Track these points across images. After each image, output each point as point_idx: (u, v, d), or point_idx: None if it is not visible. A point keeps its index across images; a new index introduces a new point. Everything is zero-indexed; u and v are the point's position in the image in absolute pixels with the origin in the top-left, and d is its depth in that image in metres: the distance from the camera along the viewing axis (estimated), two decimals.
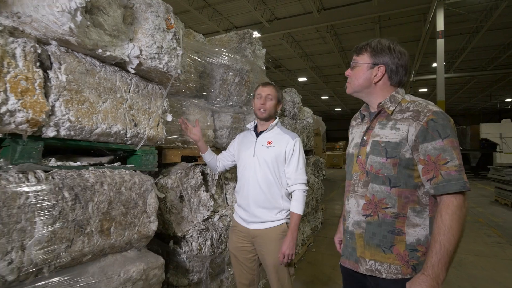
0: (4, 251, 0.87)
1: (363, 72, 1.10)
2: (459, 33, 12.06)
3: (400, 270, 1.01)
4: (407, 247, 1.02)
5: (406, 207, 1.03)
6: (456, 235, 0.91)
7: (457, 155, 0.96)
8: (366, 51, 1.10)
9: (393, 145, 1.03)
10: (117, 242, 1.21)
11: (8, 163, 0.97)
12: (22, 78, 0.96)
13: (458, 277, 2.98)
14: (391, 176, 1.03)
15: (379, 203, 1.05)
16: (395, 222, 1.03)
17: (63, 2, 0.99)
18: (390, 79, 1.09)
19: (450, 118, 1.00)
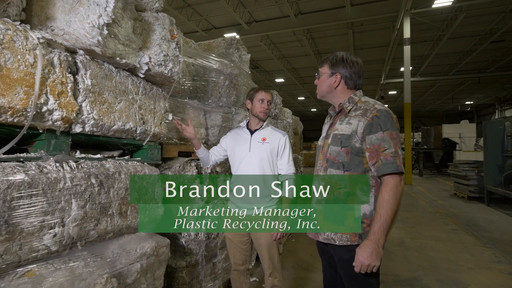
0: (49, 225, 1.05)
1: (325, 80, 1.36)
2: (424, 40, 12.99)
3: (350, 238, 1.24)
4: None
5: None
6: (393, 208, 1.13)
7: (394, 144, 1.17)
8: (326, 63, 1.36)
9: (346, 137, 1.25)
10: (132, 223, 1.40)
11: (46, 154, 1.14)
12: (58, 82, 1.14)
13: (419, 258, 3.40)
14: (345, 162, 1.25)
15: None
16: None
17: (93, 18, 1.18)
18: (346, 84, 1.33)
19: (393, 115, 1.22)
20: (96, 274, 1.14)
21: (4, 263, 0.92)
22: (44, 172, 1.06)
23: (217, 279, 2.25)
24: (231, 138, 2.00)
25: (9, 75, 0.98)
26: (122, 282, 1.24)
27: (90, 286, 1.10)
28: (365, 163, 1.23)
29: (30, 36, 1.06)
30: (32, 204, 0.99)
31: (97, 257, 1.21)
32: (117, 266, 1.26)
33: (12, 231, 0.94)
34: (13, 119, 1.02)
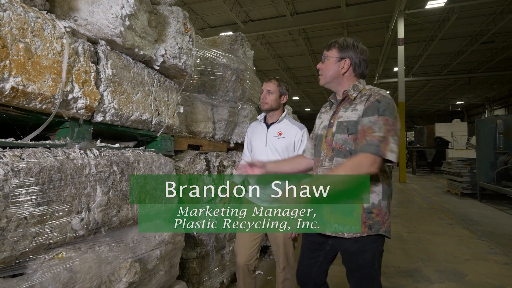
0: (77, 210, 1.07)
1: (332, 65, 1.29)
2: (417, 40, 13.23)
3: (359, 229, 1.20)
4: (365, 210, 1.20)
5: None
6: (342, 180, 1.14)
7: (386, 130, 1.12)
8: (335, 47, 1.30)
9: (353, 123, 1.21)
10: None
11: (71, 141, 1.16)
12: (82, 71, 1.17)
13: (417, 251, 3.49)
14: (352, 150, 1.20)
15: None
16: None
17: (116, 9, 1.21)
18: (354, 70, 1.29)
19: (395, 105, 1.19)
20: (121, 259, 1.16)
21: (35, 245, 0.94)
22: (70, 158, 1.08)
23: (225, 270, 2.28)
24: (250, 132, 1.99)
25: (39, 62, 1.00)
26: (143, 267, 1.27)
27: (115, 269, 1.12)
28: None
29: (57, 25, 1.08)
30: (61, 189, 1.01)
31: (120, 242, 1.24)
32: (137, 252, 1.28)
33: (44, 214, 0.96)
34: (42, 106, 1.04)
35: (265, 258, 3.08)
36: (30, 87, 0.97)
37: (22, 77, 0.94)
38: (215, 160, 2.31)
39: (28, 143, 1.05)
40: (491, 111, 22.61)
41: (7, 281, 0.86)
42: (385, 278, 2.71)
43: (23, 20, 0.96)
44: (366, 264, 1.23)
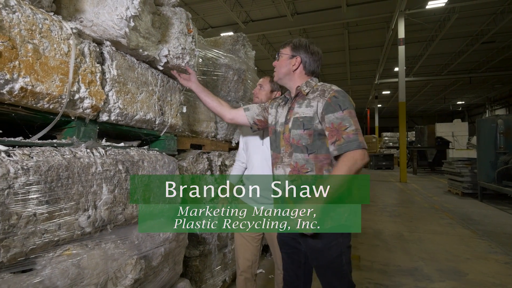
0: (84, 208, 1.09)
1: (284, 61, 1.36)
2: (418, 40, 13.24)
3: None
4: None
5: (322, 169, 1.24)
6: (343, 179, 1.15)
7: (354, 122, 1.19)
8: (289, 45, 1.37)
9: (308, 119, 1.24)
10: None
11: (78, 140, 1.18)
12: (88, 71, 1.19)
13: (418, 250, 3.51)
14: (308, 145, 1.25)
15: (301, 168, 1.26)
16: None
17: (121, 11, 1.23)
18: (304, 68, 1.35)
19: (349, 96, 1.25)
20: (127, 255, 1.18)
21: (44, 241, 0.97)
22: (77, 157, 1.11)
23: (227, 269, 2.30)
24: (245, 130, 1.97)
25: (47, 62, 1.03)
26: (148, 264, 1.29)
27: (121, 266, 1.14)
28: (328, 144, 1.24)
29: (64, 26, 1.10)
30: (69, 187, 1.03)
31: (125, 240, 1.26)
32: (142, 249, 1.30)
33: (52, 211, 0.98)
34: (49, 106, 1.07)
35: (266, 257, 3.10)
36: (38, 87, 0.99)
37: (30, 77, 0.97)
38: (217, 160, 2.33)
39: (36, 142, 1.07)
40: (492, 111, 22.60)
41: (17, 276, 0.88)
42: (386, 277, 2.73)
43: (31, 21, 0.98)
44: (334, 260, 1.23)
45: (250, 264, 1.80)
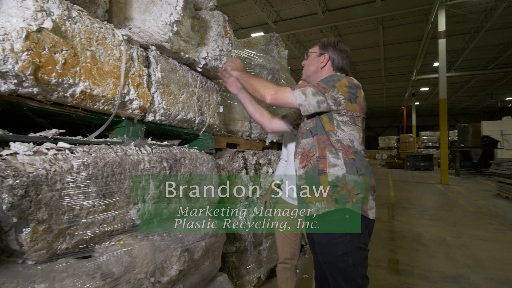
0: (134, 201, 1.17)
1: (313, 59, 1.43)
2: (460, 33, 12.36)
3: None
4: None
5: (325, 150, 1.25)
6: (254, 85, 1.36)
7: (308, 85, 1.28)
8: (317, 44, 1.43)
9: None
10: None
11: (128, 139, 1.27)
12: (137, 75, 1.28)
13: (463, 256, 3.28)
14: (311, 128, 1.31)
15: (309, 153, 1.30)
16: (318, 164, 1.25)
17: (166, 17, 1.30)
18: (333, 65, 1.40)
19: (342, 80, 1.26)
20: (172, 247, 1.25)
21: (101, 231, 1.06)
22: (128, 154, 1.19)
23: (262, 266, 2.33)
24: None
25: (102, 67, 1.12)
26: (190, 257, 1.35)
27: (167, 257, 1.21)
28: (327, 127, 1.27)
29: (116, 33, 1.19)
30: (121, 181, 1.12)
31: (169, 233, 1.33)
32: (185, 242, 1.37)
33: (108, 204, 1.07)
34: (104, 107, 1.16)
35: (300, 256, 3.08)
36: (95, 90, 1.09)
37: (89, 81, 1.06)
38: (251, 158, 2.37)
39: (93, 140, 1.17)
40: None
41: (79, 261, 0.97)
42: (428, 283, 2.59)
43: (89, 30, 1.07)
44: (338, 258, 1.20)
45: (289, 256, 1.88)
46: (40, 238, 0.86)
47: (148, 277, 1.12)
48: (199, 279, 1.45)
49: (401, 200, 6.73)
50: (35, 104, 0.98)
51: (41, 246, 0.87)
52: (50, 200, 0.88)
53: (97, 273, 0.95)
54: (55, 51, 0.93)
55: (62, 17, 0.97)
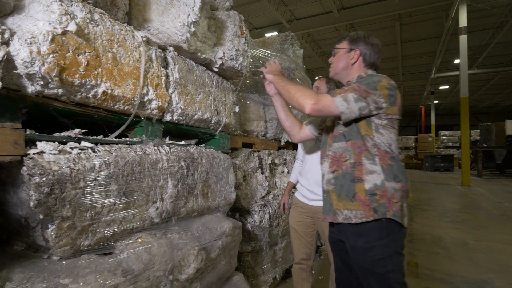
0: (153, 200, 1.19)
1: (342, 56, 1.32)
2: (483, 28, 11.88)
3: (364, 214, 1.13)
4: (367, 192, 1.14)
5: (361, 156, 1.17)
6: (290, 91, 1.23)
7: (351, 89, 1.15)
8: (345, 39, 1.34)
9: None
10: (212, 204, 1.53)
11: (147, 138, 1.30)
12: (155, 75, 1.30)
13: (487, 261, 3.15)
14: (345, 132, 1.22)
15: (341, 158, 1.22)
16: (354, 171, 1.17)
17: (183, 18, 1.32)
18: (364, 61, 1.30)
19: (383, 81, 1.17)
20: (189, 246, 1.27)
21: (121, 228, 1.08)
22: (147, 153, 1.21)
23: (277, 266, 2.32)
24: None
25: (123, 68, 1.14)
26: (207, 256, 1.36)
27: (185, 255, 1.23)
28: (363, 131, 1.19)
29: (136, 35, 1.22)
30: (141, 180, 1.14)
31: (187, 231, 1.35)
32: (202, 241, 1.38)
33: (128, 202, 1.09)
34: (124, 107, 1.19)
35: (315, 257, 3.05)
36: (116, 91, 1.11)
37: (110, 82, 1.09)
38: (267, 158, 2.36)
39: (114, 140, 1.20)
40: None
41: (101, 257, 1.00)
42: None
43: (110, 32, 1.10)
44: (376, 263, 1.12)
45: (304, 256, 1.88)
46: (65, 235, 0.89)
47: (166, 274, 1.14)
48: (216, 278, 1.46)
49: (420, 201, 6.54)
50: (60, 104, 1.01)
51: (66, 242, 0.90)
52: (74, 198, 0.91)
53: (118, 270, 0.97)
54: (78, 53, 0.96)
55: (85, 20, 0.99)
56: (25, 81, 0.87)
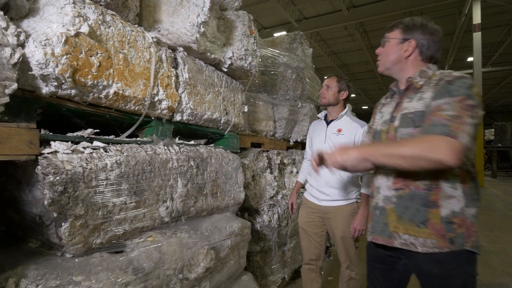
0: (163, 199, 1.20)
1: (393, 47, 1.11)
2: (497, 25, 11.56)
3: (437, 244, 0.97)
4: (442, 220, 0.98)
5: (438, 177, 0.99)
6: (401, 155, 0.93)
7: (459, 108, 0.90)
8: (398, 27, 1.12)
9: (419, 114, 1.00)
10: (221, 204, 1.53)
11: (157, 138, 1.31)
12: (166, 76, 1.31)
13: (502, 263, 3.07)
14: None
15: (409, 175, 1.02)
16: (429, 195, 0.99)
17: (193, 18, 1.32)
18: (421, 53, 1.09)
19: (474, 86, 0.95)
20: (199, 245, 1.27)
21: (132, 227, 1.09)
22: (157, 153, 1.23)
23: (286, 267, 2.31)
24: (312, 129, 2.00)
25: (134, 69, 1.16)
26: (216, 255, 1.37)
27: (194, 254, 1.23)
28: None
29: (146, 36, 1.23)
30: (151, 179, 1.15)
31: (196, 231, 1.35)
32: (211, 240, 1.38)
33: (139, 201, 1.10)
34: (135, 108, 1.20)
35: (325, 258, 3.03)
36: (127, 91, 1.13)
37: (121, 83, 1.10)
38: (276, 158, 2.36)
39: (125, 139, 1.22)
40: None
41: (113, 256, 1.01)
42: None
43: (122, 34, 1.11)
44: None
45: (314, 257, 1.88)
46: (77, 233, 0.91)
47: (176, 273, 1.15)
48: (225, 277, 1.46)
49: None
50: (73, 105, 1.03)
51: (78, 240, 0.91)
52: (86, 197, 0.92)
53: (129, 268, 0.98)
54: (91, 54, 0.98)
55: (97, 22, 1.01)
56: (39, 82, 0.89)
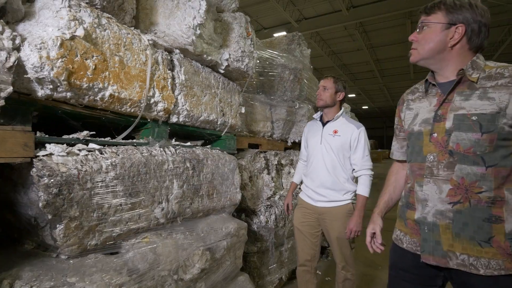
0: (158, 200, 1.21)
1: (435, 34, 0.94)
2: (497, 25, 11.57)
3: (503, 265, 0.85)
4: (507, 236, 0.87)
5: (503, 187, 0.88)
6: None
7: None
8: (440, 9, 0.94)
9: (489, 118, 0.87)
10: (217, 205, 1.54)
11: (153, 140, 1.32)
12: (162, 78, 1.31)
13: None
14: (486, 155, 0.88)
15: (471, 187, 0.90)
16: (491, 208, 0.88)
17: (189, 20, 1.33)
18: (469, 41, 0.93)
19: None
20: (194, 246, 1.28)
21: (128, 229, 1.10)
22: (153, 154, 1.23)
23: (283, 267, 2.32)
24: (307, 130, 2.00)
25: (129, 71, 1.17)
26: (212, 256, 1.38)
27: (190, 255, 1.24)
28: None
29: (142, 38, 1.24)
30: (147, 181, 1.16)
31: (192, 232, 1.36)
32: (207, 241, 1.39)
33: (134, 202, 1.11)
34: (131, 110, 1.21)
35: (322, 258, 3.04)
36: (123, 93, 1.14)
37: (117, 85, 1.11)
38: (273, 159, 2.36)
39: (120, 141, 1.22)
40: None
41: (108, 257, 1.02)
42: None
43: (118, 36, 1.12)
44: None
45: (309, 258, 1.87)
46: (72, 234, 0.92)
47: (171, 274, 1.16)
48: (221, 278, 1.47)
49: None
50: (68, 107, 1.03)
51: (73, 241, 0.92)
52: (81, 199, 0.93)
53: (124, 269, 0.99)
54: (86, 57, 0.99)
55: (93, 25, 1.02)
56: (35, 85, 0.89)
